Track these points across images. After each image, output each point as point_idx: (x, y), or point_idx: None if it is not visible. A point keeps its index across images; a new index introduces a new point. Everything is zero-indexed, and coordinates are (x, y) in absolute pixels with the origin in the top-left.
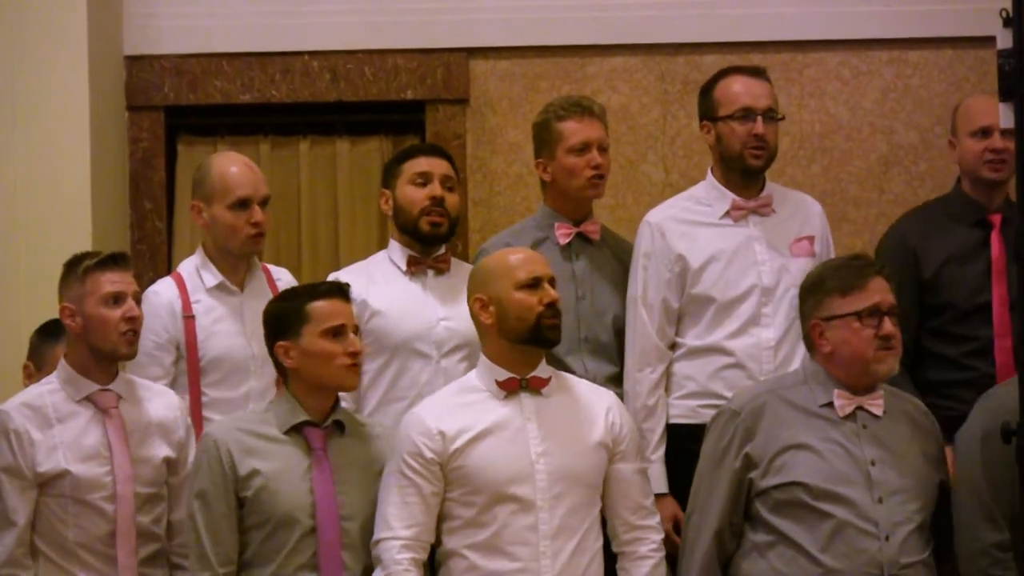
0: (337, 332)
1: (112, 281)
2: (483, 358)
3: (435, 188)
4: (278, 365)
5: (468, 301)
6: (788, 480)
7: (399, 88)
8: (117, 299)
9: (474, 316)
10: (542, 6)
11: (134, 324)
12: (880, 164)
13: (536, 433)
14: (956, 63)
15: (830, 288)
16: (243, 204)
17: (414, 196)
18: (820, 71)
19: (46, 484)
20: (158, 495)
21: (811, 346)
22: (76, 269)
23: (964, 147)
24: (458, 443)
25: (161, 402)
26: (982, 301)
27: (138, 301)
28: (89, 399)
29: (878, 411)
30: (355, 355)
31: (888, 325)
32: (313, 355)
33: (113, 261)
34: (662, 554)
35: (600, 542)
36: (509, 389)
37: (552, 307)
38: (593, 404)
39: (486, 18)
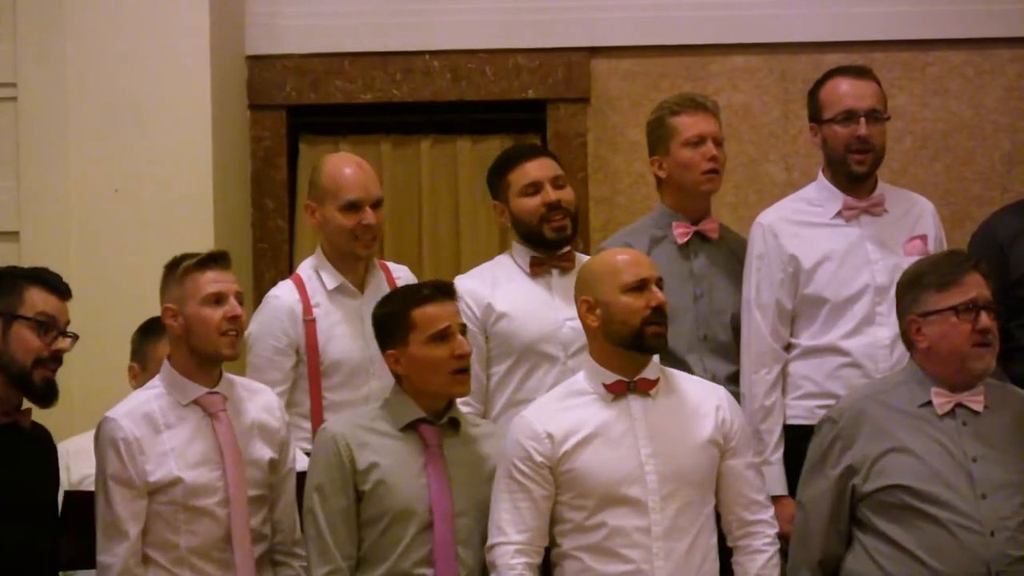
0: (444, 336)
1: (213, 281)
2: (590, 360)
3: (548, 194)
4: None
5: (576, 302)
6: (890, 483)
7: (520, 87)
8: (218, 299)
9: (581, 318)
10: (664, 5)
11: (236, 324)
12: (1003, 162)
13: (644, 434)
14: None
15: (927, 284)
16: (353, 206)
17: (530, 206)
18: (942, 69)
19: (157, 492)
20: (264, 496)
21: (909, 343)
22: (176, 270)
23: None
24: (566, 446)
25: (260, 402)
26: None
27: (240, 300)
28: (196, 403)
29: (978, 407)
30: (462, 358)
31: (985, 319)
32: (421, 362)
33: (213, 260)
34: (776, 547)
35: (714, 539)
36: (617, 392)
37: (658, 311)
38: (703, 402)
39: (608, 17)
